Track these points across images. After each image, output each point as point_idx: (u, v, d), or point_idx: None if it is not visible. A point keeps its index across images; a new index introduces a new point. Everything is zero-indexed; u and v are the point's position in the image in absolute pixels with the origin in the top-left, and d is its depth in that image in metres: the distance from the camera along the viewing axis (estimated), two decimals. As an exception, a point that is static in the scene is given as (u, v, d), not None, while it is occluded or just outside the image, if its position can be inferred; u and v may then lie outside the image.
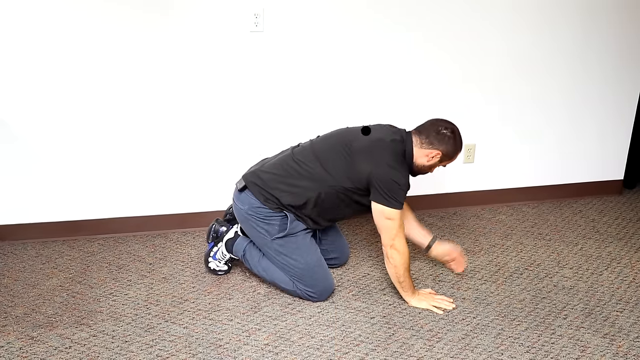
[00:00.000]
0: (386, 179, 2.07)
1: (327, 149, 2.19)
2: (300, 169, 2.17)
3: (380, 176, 2.08)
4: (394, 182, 2.07)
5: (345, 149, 2.15)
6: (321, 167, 2.15)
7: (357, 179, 2.12)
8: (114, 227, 2.75)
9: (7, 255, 2.58)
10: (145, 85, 2.57)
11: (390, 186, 2.07)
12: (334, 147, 2.18)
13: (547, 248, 2.69)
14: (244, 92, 2.67)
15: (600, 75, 3.05)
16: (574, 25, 2.91)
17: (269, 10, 2.56)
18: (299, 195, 2.15)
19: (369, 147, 2.12)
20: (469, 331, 2.07)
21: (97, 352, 1.93)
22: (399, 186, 2.08)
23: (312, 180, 2.15)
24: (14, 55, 2.42)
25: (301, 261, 2.19)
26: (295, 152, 2.24)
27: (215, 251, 2.40)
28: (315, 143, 2.24)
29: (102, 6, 2.42)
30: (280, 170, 2.19)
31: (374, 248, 2.67)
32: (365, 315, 2.16)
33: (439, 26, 2.76)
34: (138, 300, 2.24)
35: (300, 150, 2.24)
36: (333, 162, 2.15)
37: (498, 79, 2.93)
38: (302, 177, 2.16)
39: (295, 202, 2.16)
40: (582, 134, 3.16)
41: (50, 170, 2.61)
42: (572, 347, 1.99)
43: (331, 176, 2.14)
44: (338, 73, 2.73)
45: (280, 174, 2.18)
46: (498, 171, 3.12)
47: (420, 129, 2.20)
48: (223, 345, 1.99)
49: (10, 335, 2.03)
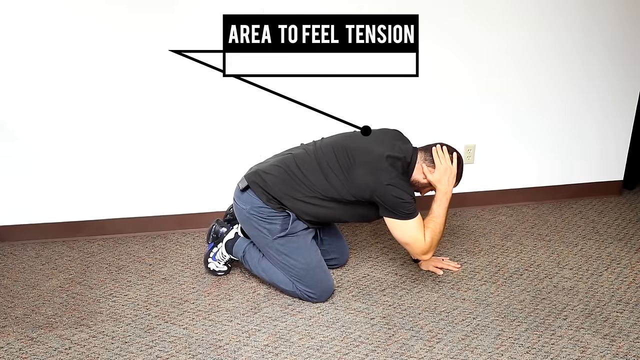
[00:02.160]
0: (388, 197, 2.08)
1: (329, 158, 2.17)
2: (303, 176, 2.16)
3: (382, 195, 2.09)
4: (396, 198, 2.08)
5: (348, 162, 2.14)
6: (323, 178, 2.15)
7: (359, 195, 2.13)
8: (113, 228, 2.75)
9: (7, 256, 2.58)
10: (145, 85, 2.57)
11: (394, 202, 2.09)
12: (337, 159, 2.16)
13: (547, 249, 2.69)
14: (243, 93, 2.67)
15: (600, 75, 3.05)
16: (573, 25, 2.91)
17: (269, 11, 2.55)
18: (299, 201, 2.16)
19: (370, 165, 2.10)
20: (469, 332, 2.07)
21: (97, 353, 1.93)
22: (402, 200, 2.09)
23: (313, 190, 2.15)
24: (14, 55, 2.42)
25: (302, 261, 2.19)
26: (298, 156, 2.22)
27: (215, 252, 2.40)
28: (318, 149, 2.22)
29: (102, 7, 2.42)
30: (282, 173, 2.19)
31: (373, 249, 2.67)
32: (365, 316, 2.16)
33: (439, 26, 2.76)
34: (138, 301, 2.24)
35: (303, 155, 2.22)
36: (335, 175, 2.14)
37: (498, 80, 2.93)
38: (304, 185, 2.16)
39: (295, 207, 2.16)
40: (581, 135, 3.16)
41: (50, 171, 2.62)
42: (572, 348, 1.99)
43: (333, 189, 2.14)
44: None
45: (283, 177, 2.18)
46: (498, 172, 3.12)
47: (426, 147, 2.23)
48: (223, 346, 1.99)
49: (10, 336, 2.02)
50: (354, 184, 2.12)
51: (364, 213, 2.21)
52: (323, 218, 2.23)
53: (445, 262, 2.50)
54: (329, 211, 2.19)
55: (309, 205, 2.17)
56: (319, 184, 2.15)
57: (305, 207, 2.17)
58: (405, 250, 2.60)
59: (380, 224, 2.92)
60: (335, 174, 2.14)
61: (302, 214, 2.18)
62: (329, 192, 2.14)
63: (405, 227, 2.12)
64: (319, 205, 2.17)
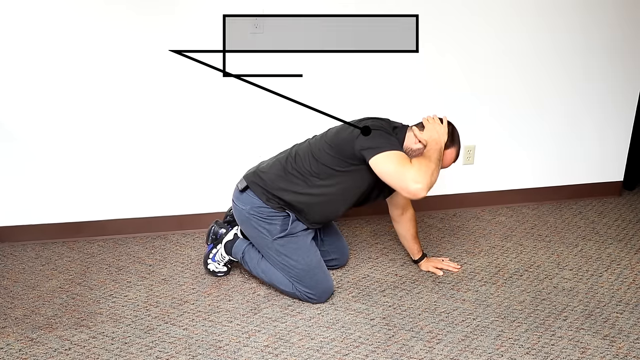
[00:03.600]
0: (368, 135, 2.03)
1: (319, 143, 2.18)
2: (298, 166, 2.17)
3: (362, 138, 2.03)
4: (376, 129, 2.04)
5: (334, 136, 2.15)
6: (315, 160, 2.14)
7: (346, 152, 2.07)
8: (113, 229, 2.75)
9: (7, 256, 2.58)
10: (145, 86, 2.57)
11: (373, 134, 2.02)
12: (325, 140, 2.17)
13: (547, 249, 2.69)
14: (243, 94, 2.67)
15: (600, 76, 3.05)
16: (573, 26, 2.91)
17: (269, 12, 2.56)
18: (299, 194, 2.15)
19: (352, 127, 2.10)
20: (469, 333, 2.07)
21: (97, 354, 1.93)
22: (382, 130, 2.04)
23: (310, 176, 2.14)
24: (14, 56, 2.42)
25: (301, 262, 2.19)
26: (292, 152, 2.24)
27: (214, 253, 2.40)
28: (311, 141, 2.24)
29: (102, 7, 2.42)
30: (280, 169, 2.19)
31: (373, 250, 2.67)
32: (365, 317, 2.16)
33: (438, 27, 2.76)
34: (138, 302, 2.24)
35: (297, 150, 2.23)
36: (324, 152, 2.13)
37: (498, 81, 2.93)
38: (300, 175, 2.16)
39: (296, 200, 2.16)
40: (581, 136, 3.16)
41: (50, 172, 2.62)
42: (572, 349, 1.99)
43: (326, 166, 2.12)
44: (336, 74, 2.73)
45: (280, 173, 2.18)
46: (498, 173, 3.12)
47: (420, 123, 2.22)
48: (223, 347, 1.99)
49: (9, 336, 2.02)
50: (339, 145, 2.09)
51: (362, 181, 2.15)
52: (325, 208, 2.20)
53: (445, 262, 2.51)
54: (330, 197, 2.16)
55: (310, 196, 2.15)
56: (313, 167, 2.14)
57: (305, 198, 2.16)
58: (405, 251, 2.60)
59: (380, 224, 2.92)
60: (325, 151, 2.13)
61: (304, 206, 2.17)
62: (323, 171, 2.13)
63: (390, 160, 1.99)
64: (318, 193, 2.15)
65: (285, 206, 2.19)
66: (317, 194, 2.16)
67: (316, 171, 2.14)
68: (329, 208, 2.21)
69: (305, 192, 2.16)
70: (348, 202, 2.22)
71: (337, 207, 2.23)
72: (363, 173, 2.11)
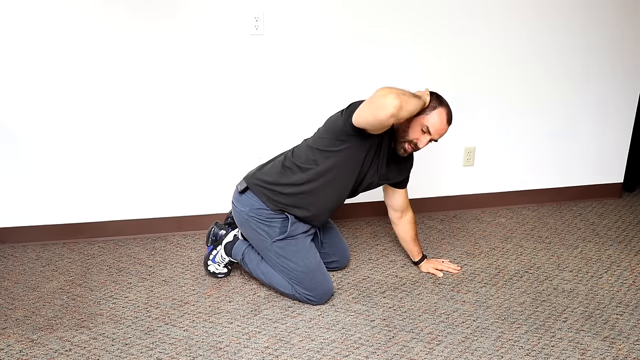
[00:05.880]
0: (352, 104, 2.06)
1: (314, 137, 2.20)
2: (295, 159, 2.17)
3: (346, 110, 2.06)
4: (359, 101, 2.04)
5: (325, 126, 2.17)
6: (311, 150, 2.15)
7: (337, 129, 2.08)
8: (114, 230, 2.75)
9: (7, 257, 2.58)
10: (145, 88, 2.58)
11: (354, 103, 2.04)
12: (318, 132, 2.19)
13: (547, 251, 2.70)
14: (244, 95, 2.67)
15: (600, 77, 3.06)
16: (572, 27, 2.92)
17: (269, 13, 2.56)
18: (299, 185, 2.15)
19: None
20: (469, 334, 2.07)
21: (97, 355, 1.93)
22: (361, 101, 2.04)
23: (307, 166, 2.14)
24: (15, 57, 2.43)
25: (301, 264, 2.19)
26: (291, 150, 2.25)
27: (214, 254, 2.41)
28: (308, 139, 2.24)
29: (102, 8, 2.43)
30: (278, 166, 2.21)
31: (374, 251, 2.68)
32: (365, 318, 2.16)
33: (438, 29, 2.76)
34: (138, 303, 2.24)
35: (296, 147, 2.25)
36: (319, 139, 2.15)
37: (498, 82, 2.93)
38: (298, 168, 2.16)
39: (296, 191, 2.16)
40: (581, 137, 3.16)
41: (51, 173, 2.62)
42: (572, 350, 1.99)
43: (320, 150, 2.12)
44: (336, 75, 2.73)
45: (278, 170, 2.20)
46: (498, 174, 3.12)
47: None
48: (223, 348, 1.99)
49: (10, 337, 2.03)
50: (330, 127, 2.11)
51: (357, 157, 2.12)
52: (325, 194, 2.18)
53: (445, 264, 2.51)
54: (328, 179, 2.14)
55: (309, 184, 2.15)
56: (310, 156, 2.14)
57: (305, 187, 2.15)
58: (405, 253, 2.60)
59: (380, 226, 2.92)
60: (319, 137, 2.15)
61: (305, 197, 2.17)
62: (318, 156, 2.12)
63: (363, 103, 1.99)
64: (316, 177, 2.14)
65: (287, 205, 2.18)
66: (315, 179, 2.14)
67: (312, 158, 2.14)
68: (329, 193, 2.18)
69: (303, 181, 2.15)
70: (347, 183, 2.18)
71: (337, 192, 2.20)
72: (356, 149, 2.09)
